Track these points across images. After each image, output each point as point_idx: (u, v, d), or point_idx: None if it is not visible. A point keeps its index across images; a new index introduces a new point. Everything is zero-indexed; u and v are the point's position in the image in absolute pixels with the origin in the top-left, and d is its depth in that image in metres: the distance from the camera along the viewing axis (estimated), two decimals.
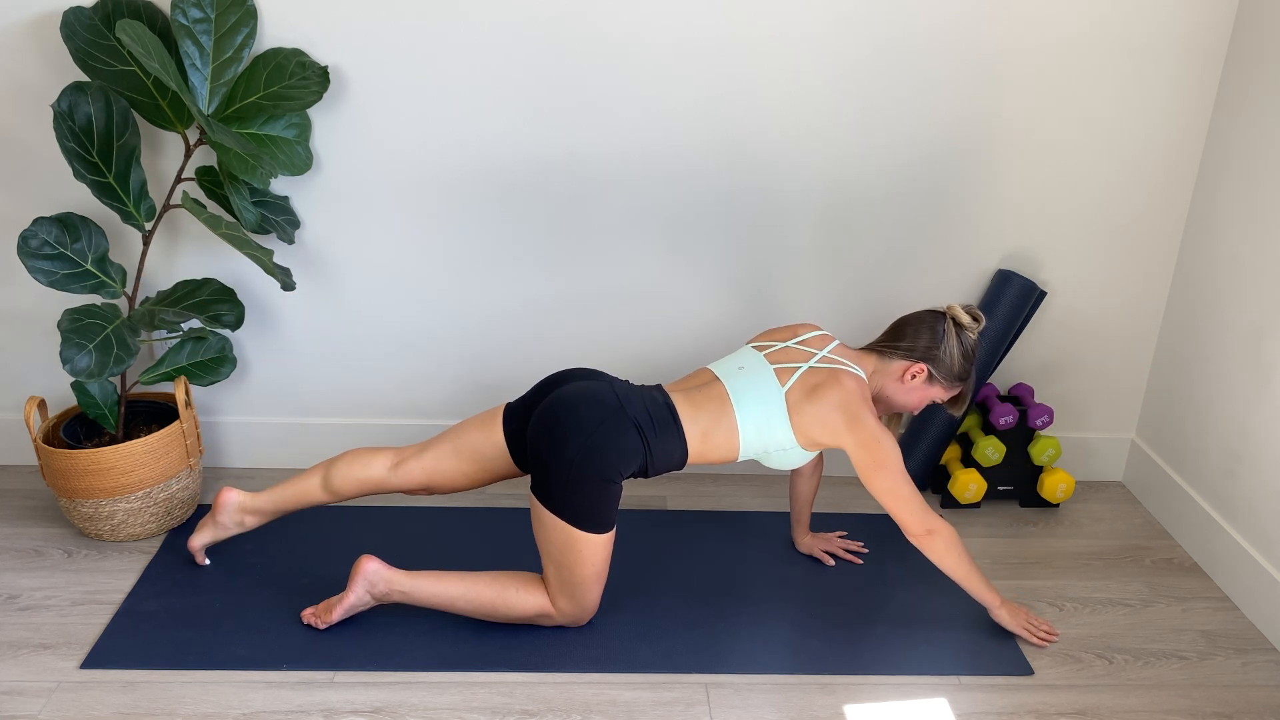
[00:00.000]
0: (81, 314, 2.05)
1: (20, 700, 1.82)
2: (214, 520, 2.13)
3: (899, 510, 1.94)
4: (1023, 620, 2.06)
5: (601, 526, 1.90)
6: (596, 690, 1.90)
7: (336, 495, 2.09)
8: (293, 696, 1.86)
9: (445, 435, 2.08)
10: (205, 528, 2.14)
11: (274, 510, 2.12)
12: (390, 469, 2.07)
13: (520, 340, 2.51)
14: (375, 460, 2.08)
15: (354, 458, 2.09)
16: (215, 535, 2.14)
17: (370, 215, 2.37)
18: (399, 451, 2.09)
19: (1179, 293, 2.50)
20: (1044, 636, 2.05)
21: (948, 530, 1.95)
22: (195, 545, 2.15)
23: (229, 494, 2.12)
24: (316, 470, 2.11)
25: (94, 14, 2.06)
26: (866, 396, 1.97)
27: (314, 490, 2.09)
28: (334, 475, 2.08)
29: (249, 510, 2.12)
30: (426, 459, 2.05)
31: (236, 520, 2.12)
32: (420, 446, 2.08)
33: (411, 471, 2.06)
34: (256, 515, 2.12)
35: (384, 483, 2.07)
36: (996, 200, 2.42)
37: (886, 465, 1.91)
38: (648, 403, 1.94)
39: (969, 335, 2.02)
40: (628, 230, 2.41)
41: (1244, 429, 2.23)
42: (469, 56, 2.23)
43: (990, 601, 2.03)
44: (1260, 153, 2.19)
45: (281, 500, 2.11)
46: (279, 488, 2.12)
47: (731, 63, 2.25)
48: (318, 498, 2.10)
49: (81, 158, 2.07)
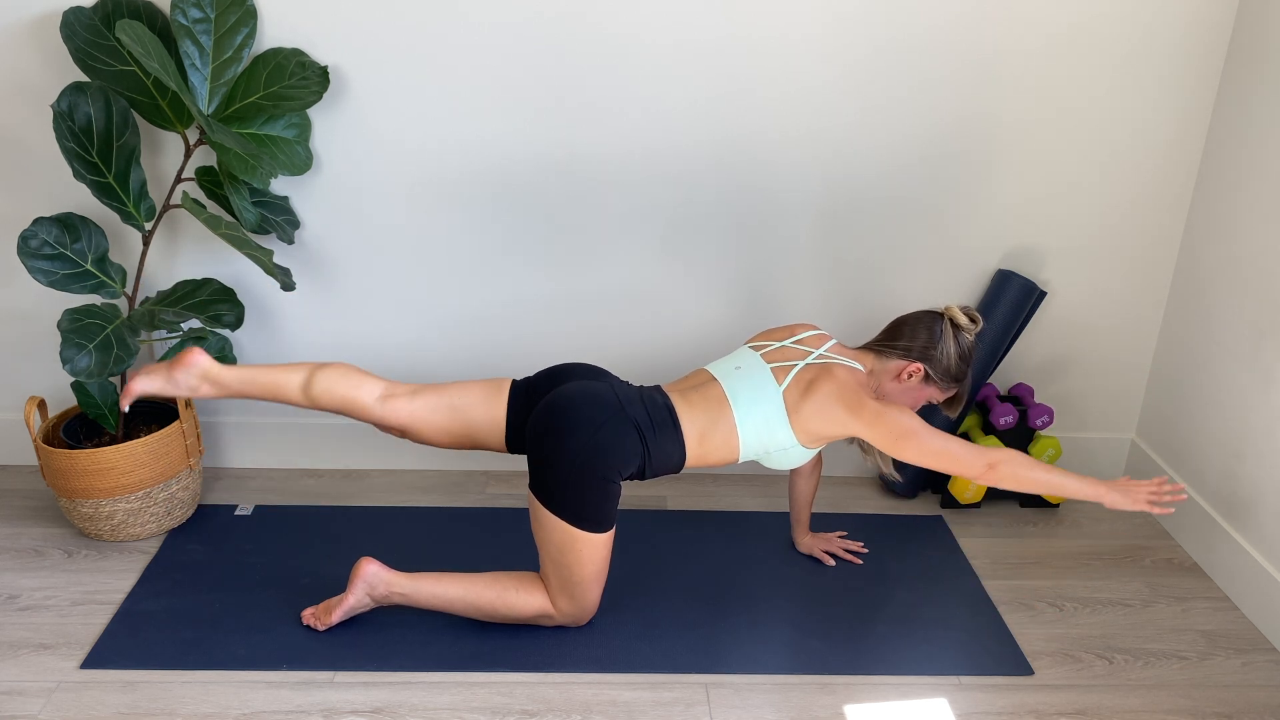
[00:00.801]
0: (81, 314, 2.05)
1: (20, 700, 1.83)
2: (169, 373, 1.94)
3: (946, 466, 1.89)
4: (1142, 495, 1.89)
5: (601, 526, 1.90)
6: (596, 690, 1.90)
7: (312, 403, 1.96)
8: (293, 696, 1.86)
9: (445, 389, 2.00)
10: (155, 375, 1.94)
11: (238, 390, 1.96)
12: (378, 399, 1.96)
13: (520, 339, 2.51)
14: (366, 385, 1.97)
15: (344, 374, 1.97)
16: (162, 389, 1.94)
17: (370, 215, 2.37)
18: (392, 385, 1.99)
19: (1179, 293, 2.50)
20: (1169, 498, 1.89)
21: (1006, 454, 1.89)
22: (135, 388, 1.93)
23: (198, 356, 1.94)
24: (300, 369, 1.97)
25: (94, 14, 2.06)
26: (863, 384, 1.97)
27: (290, 389, 1.96)
28: (318, 382, 1.95)
29: (211, 379, 1.94)
30: (417, 404, 1.97)
31: (192, 385, 1.94)
32: (414, 389, 1.99)
33: (398, 411, 1.96)
34: (215, 387, 1.95)
35: (365, 409, 1.96)
36: (996, 200, 2.42)
37: (907, 432, 1.88)
38: (648, 404, 1.94)
39: (966, 336, 2.02)
40: (627, 230, 2.41)
41: (1244, 429, 2.23)
42: (469, 57, 2.23)
43: (1094, 494, 1.90)
44: (1260, 153, 2.20)
45: (251, 383, 1.96)
46: (254, 370, 1.97)
47: (731, 63, 2.25)
48: (292, 398, 1.96)
49: (81, 158, 2.07)
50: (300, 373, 1.97)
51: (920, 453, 1.88)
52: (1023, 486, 1.89)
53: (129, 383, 1.95)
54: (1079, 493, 1.90)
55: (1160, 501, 1.90)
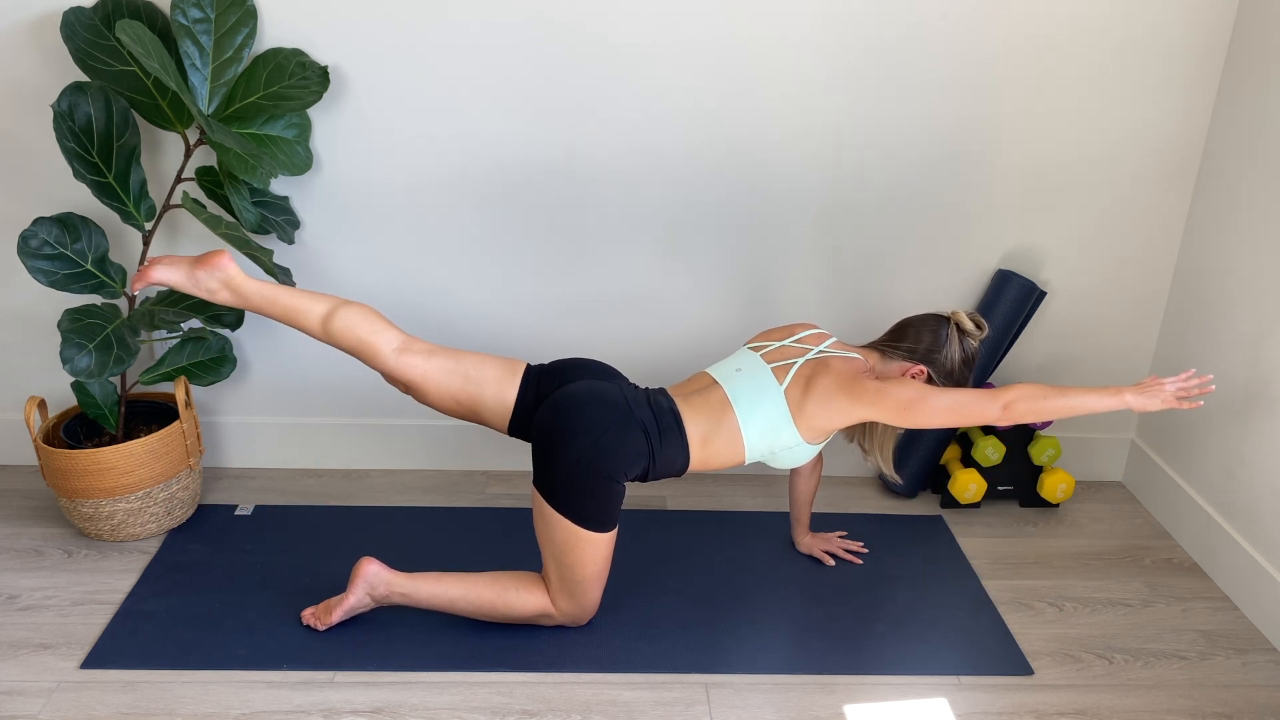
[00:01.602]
0: (81, 314, 2.05)
1: (20, 700, 1.83)
2: (192, 270, 1.91)
3: (962, 419, 1.87)
4: (1164, 394, 1.85)
5: (604, 525, 1.90)
6: (596, 690, 1.90)
7: (328, 337, 1.95)
8: (293, 696, 1.86)
9: (462, 356, 1.99)
10: (178, 268, 1.91)
11: (257, 305, 1.94)
12: (394, 350, 1.95)
13: (520, 340, 2.51)
14: (386, 333, 1.96)
15: (367, 316, 1.96)
16: (181, 283, 1.91)
17: (370, 215, 2.37)
18: (410, 340, 1.97)
19: (1179, 293, 2.50)
20: (1197, 390, 1.86)
21: (1017, 390, 1.87)
22: (153, 275, 1.90)
23: (226, 261, 1.91)
24: (325, 300, 1.96)
25: (94, 14, 2.06)
26: (860, 370, 1.97)
27: (312, 318, 1.94)
28: (339, 318, 1.94)
29: (233, 288, 1.92)
30: (432, 364, 1.96)
31: (210, 288, 1.90)
32: (431, 348, 1.98)
33: (411, 366, 1.95)
34: (236, 297, 1.93)
35: (379, 357, 1.95)
36: (996, 200, 2.42)
37: (912, 400, 1.87)
38: (654, 407, 1.94)
39: (971, 342, 2.02)
40: (627, 231, 2.41)
41: (1244, 429, 2.23)
42: (469, 57, 2.23)
43: (1118, 403, 1.86)
44: (1260, 153, 2.19)
45: (273, 302, 1.94)
46: (279, 289, 1.95)
47: (732, 64, 2.25)
48: (310, 327, 1.94)
49: (81, 158, 2.07)
50: (324, 304, 1.95)
51: (932, 414, 1.86)
52: (1043, 416, 1.86)
53: (148, 266, 1.90)
54: (1101, 405, 1.85)
55: (1189, 395, 1.86)
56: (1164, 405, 1.86)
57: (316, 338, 1.96)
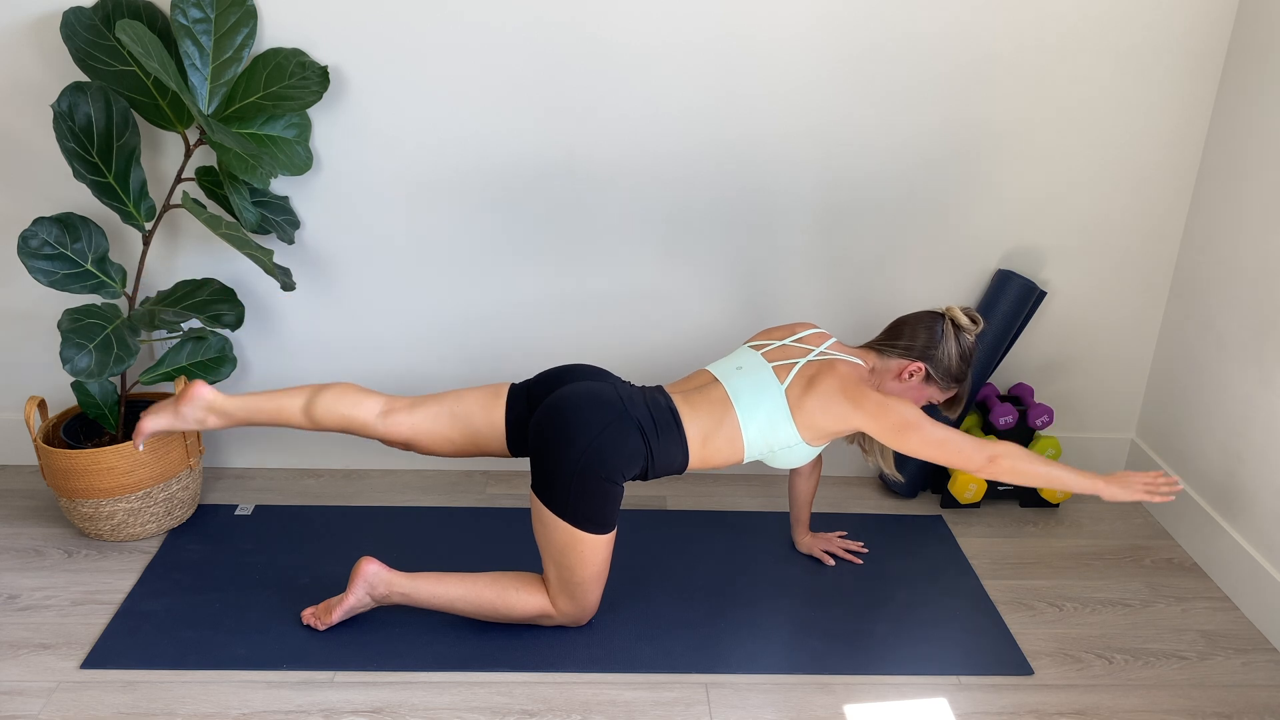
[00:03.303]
0: (81, 314, 2.05)
1: (20, 700, 1.83)
2: (175, 409, 2.00)
3: (948, 458, 1.89)
4: (1138, 487, 1.91)
5: (603, 527, 1.90)
6: (596, 690, 1.90)
7: (315, 424, 1.99)
8: (293, 696, 1.86)
9: (443, 398, 2.01)
10: (164, 412, 2.00)
11: (243, 419, 2.00)
12: (379, 415, 1.99)
13: (520, 340, 2.51)
14: (366, 402, 2.00)
15: (344, 393, 2.00)
16: (171, 425, 2.01)
17: (370, 215, 2.37)
18: (391, 400, 2.01)
19: (1179, 292, 2.50)
20: (1166, 490, 1.91)
21: (1006, 448, 1.89)
22: (146, 429, 2.01)
23: (201, 389, 1.99)
24: (300, 392, 2.00)
25: (94, 14, 2.06)
26: (864, 378, 1.97)
27: (293, 412, 1.99)
28: (319, 404, 1.98)
29: (216, 410, 1.99)
30: (418, 416, 1.99)
31: (198, 418, 1.99)
32: (414, 401, 2.01)
33: (399, 425, 1.99)
34: (222, 418, 2.00)
35: (368, 427, 1.99)
36: (996, 200, 2.42)
37: (908, 424, 1.88)
38: (650, 405, 1.94)
39: (967, 337, 2.02)
40: (627, 230, 2.41)
41: (1244, 429, 2.23)
42: (469, 57, 2.23)
43: (1094, 488, 1.90)
44: (1260, 153, 2.20)
45: (255, 411, 1.99)
46: (256, 397, 2.00)
47: (731, 64, 2.25)
48: (295, 420, 1.99)
49: (81, 158, 2.07)
50: (301, 396, 2.00)
51: (922, 444, 1.88)
52: (1022, 480, 1.90)
53: (139, 423, 2.02)
54: (1077, 486, 1.90)
55: (1157, 492, 1.91)
56: (1132, 498, 1.91)
57: (306, 429, 2.02)
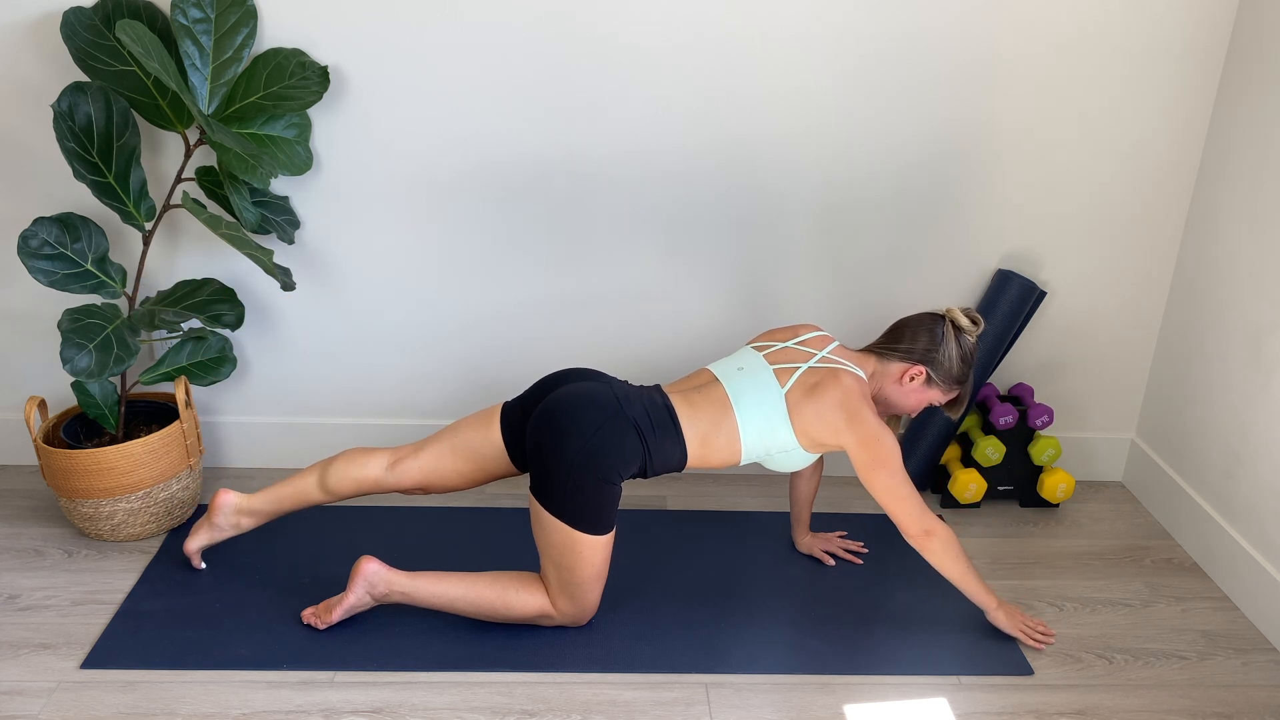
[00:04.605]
0: (81, 314, 2.05)
1: (20, 700, 1.83)
2: (210, 522, 2.12)
3: (897, 510, 1.93)
4: (1019, 622, 2.04)
5: (601, 527, 1.90)
6: (596, 690, 1.90)
7: (333, 495, 2.08)
8: (293, 696, 1.86)
9: (442, 434, 2.08)
10: (201, 530, 2.13)
11: (271, 511, 2.11)
12: (387, 469, 2.06)
13: (520, 340, 2.51)
14: (371, 460, 2.07)
15: (350, 458, 2.09)
16: (212, 538, 2.13)
17: (370, 215, 2.37)
18: (395, 451, 2.08)
19: (1179, 292, 2.50)
20: (1039, 638, 2.04)
21: (945, 531, 1.95)
22: (191, 549, 2.14)
23: (225, 496, 2.11)
24: (313, 470, 2.10)
25: (94, 14, 2.06)
26: (866, 395, 1.97)
27: (311, 490, 2.09)
28: (330, 475, 2.07)
29: (245, 512, 2.11)
30: (423, 459, 2.05)
31: (233, 522, 2.12)
32: (416, 446, 2.07)
33: (408, 471, 2.05)
34: (253, 517, 2.11)
35: (380, 482, 2.07)
36: (996, 200, 2.42)
37: (885, 464, 1.91)
38: (646, 404, 1.94)
39: (967, 338, 2.02)
40: (627, 230, 2.41)
41: (1244, 429, 2.23)
42: (469, 56, 2.23)
43: (987, 604, 2.02)
44: (1260, 152, 2.20)
45: (278, 501, 2.10)
46: (275, 488, 2.11)
47: (732, 63, 2.25)
48: (315, 498, 2.09)
49: (81, 158, 2.07)
50: (313, 474, 2.10)
51: (885, 488, 1.92)
52: (938, 565, 1.97)
53: (185, 546, 2.15)
54: (977, 596, 2.01)
55: (1032, 636, 2.03)
56: (1010, 632, 2.03)
57: (328, 503, 2.13)
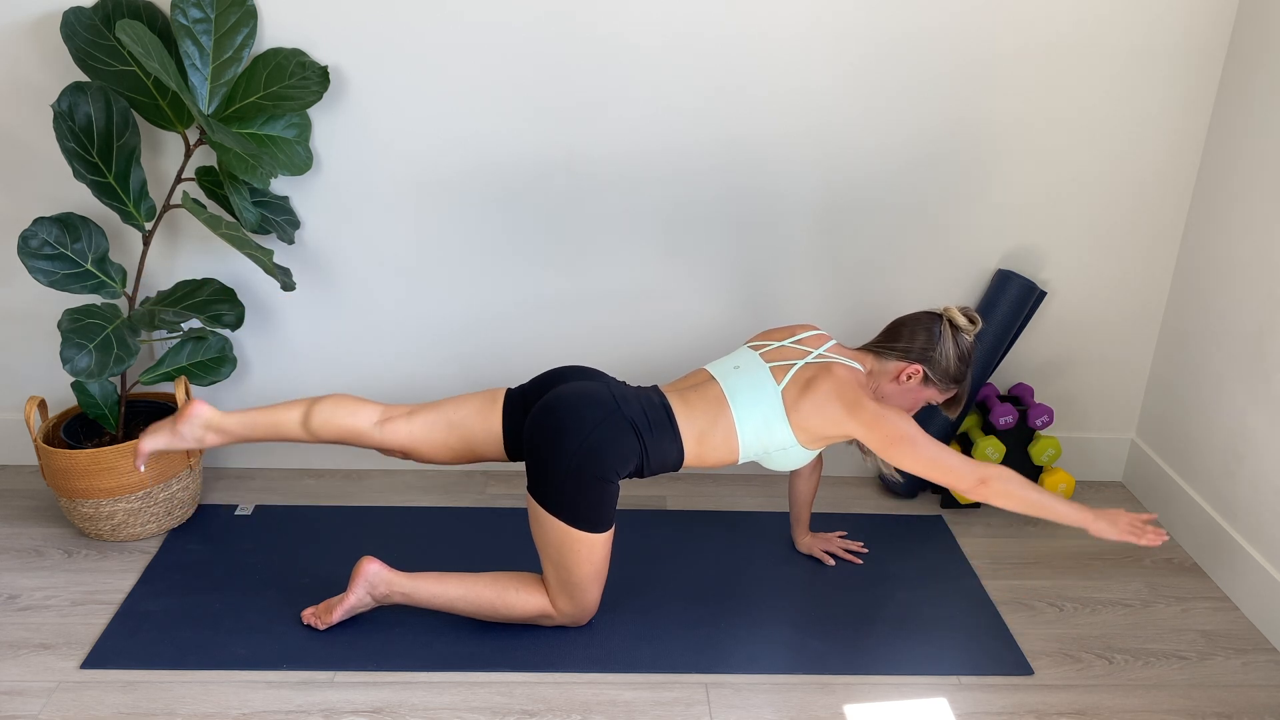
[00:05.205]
0: (81, 314, 2.05)
1: (20, 700, 1.83)
2: (174, 429, 1.98)
3: (936, 476, 1.87)
4: (1124, 526, 1.88)
5: (599, 526, 1.90)
6: (596, 690, 1.90)
7: (313, 436, 1.99)
8: (293, 696, 1.86)
9: (441, 406, 2.01)
10: (160, 433, 1.98)
11: (242, 434, 1.99)
12: (376, 424, 1.99)
13: (519, 340, 2.51)
14: (362, 411, 1.99)
15: (340, 403, 2.00)
16: (170, 444, 1.99)
17: (370, 215, 2.37)
18: (388, 409, 2.01)
19: (1179, 293, 2.50)
20: (1152, 537, 1.87)
21: (998, 472, 1.86)
22: (144, 449, 1.98)
23: (199, 407, 1.98)
24: (298, 405, 2.00)
25: (94, 14, 2.06)
26: (863, 384, 1.97)
27: (291, 425, 1.99)
28: (316, 415, 1.98)
29: (215, 428, 1.98)
30: (415, 424, 1.99)
31: (198, 436, 1.98)
32: (411, 409, 2.01)
33: (397, 432, 1.98)
34: (221, 435, 1.99)
35: (365, 435, 1.98)
36: (996, 200, 2.42)
37: (902, 437, 1.87)
38: (644, 403, 1.94)
39: (965, 337, 2.01)
40: (627, 230, 2.41)
41: (1244, 429, 2.23)
42: (469, 56, 2.23)
43: (1083, 521, 1.88)
44: (1260, 152, 2.20)
45: (254, 426, 1.99)
46: (254, 413, 2.00)
47: (731, 63, 2.25)
48: (293, 434, 1.99)
49: (81, 158, 2.07)
50: (298, 408, 2.00)
51: (914, 460, 1.87)
52: (1012, 505, 1.87)
53: (138, 443, 2.00)
54: (1067, 518, 1.88)
55: (1144, 536, 1.88)
56: (1119, 538, 1.87)
57: (305, 441, 2.01)
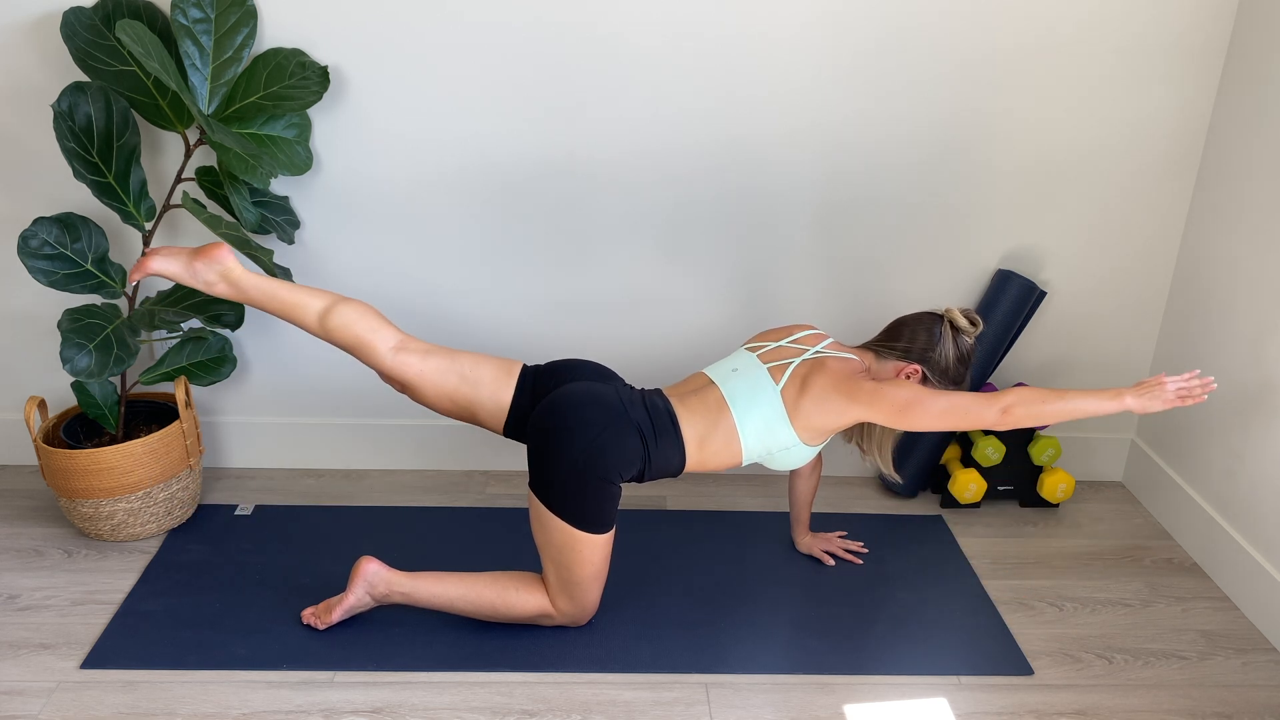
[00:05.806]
0: (81, 314, 2.05)
1: (20, 700, 1.83)
2: (190, 262, 1.88)
3: (958, 422, 1.84)
4: (1165, 395, 1.79)
5: (601, 526, 1.90)
6: (596, 690, 1.90)
7: (325, 334, 1.93)
8: (293, 696, 1.86)
9: (458, 356, 1.98)
10: (174, 260, 1.88)
11: (257, 298, 1.91)
12: (391, 349, 1.94)
13: (520, 340, 2.51)
14: (383, 330, 1.95)
15: (365, 314, 1.94)
16: (178, 273, 1.88)
17: (370, 215, 2.37)
18: (408, 339, 1.97)
19: (1179, 293, 2.50)
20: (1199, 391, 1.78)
21: (1017, 395, 1.81)
22: (150, 265, 1.88)
23: (226, 252, 1.89)
24: (324, 297, 1.94)
25: (94, 14, 2.06)
26: (857, 370, 1.96)
27: (309, 314, 1.92)
28: (338, 315, 1.92)
29: (231, 281, 1.89)
30: (429, 364, 1.95)
31: (209, 280, 1.88)
32: (428, 349, 1.97)
33: (408, 365, 1.94)
34: (233, 289, 1.90)
35: (376, 355, 1.93)
36: (996, 200, 2.42)
37: (908, 402, 1.85)
38: (649, 408, 1.94)
39: (965, 339, 2.01)
40: (626, 231, 2.41)
41: (1244, 429, 2.23)
42: (469, 57, 2.23)
43: (1119, 406, 1.80)
44: (1261, 152, 2.19)
45: (271, 296, 1.92)
46: (277, 284, 1.93)
47: (732, 63, 2.25)
48: (308, 322, 1.93)
49: (81, 158, 2.07)
50: (323, 300, 1.93)
51: (928, 417, 1.84)
52: (1042, 420, 1.81)
53: (146, 256, 1.88)
54: (1101, 408, 1.79)
55: (1191, 394, 1.79)
56: (1165, 405, 1.79)
57: (314, 333, 1.95)
